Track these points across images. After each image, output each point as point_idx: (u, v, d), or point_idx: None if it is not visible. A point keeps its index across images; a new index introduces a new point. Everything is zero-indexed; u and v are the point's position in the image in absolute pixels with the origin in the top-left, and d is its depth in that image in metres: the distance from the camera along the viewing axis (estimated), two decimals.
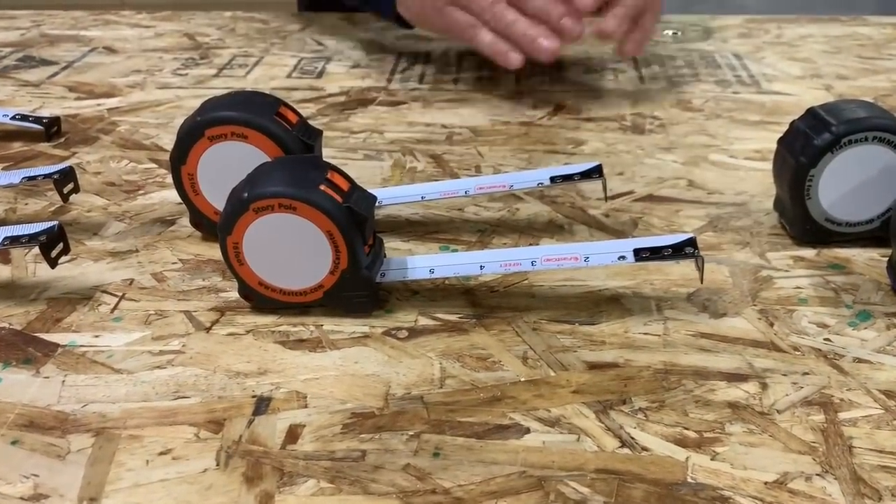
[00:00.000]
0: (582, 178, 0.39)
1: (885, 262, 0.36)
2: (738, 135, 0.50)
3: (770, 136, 0.48)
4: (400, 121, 0.53)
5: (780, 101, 0.55)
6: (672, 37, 0.69)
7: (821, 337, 0.32)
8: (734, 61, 0.63)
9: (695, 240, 0.32)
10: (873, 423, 0.28)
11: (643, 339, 0.32)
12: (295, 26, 0.73)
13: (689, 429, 0.28)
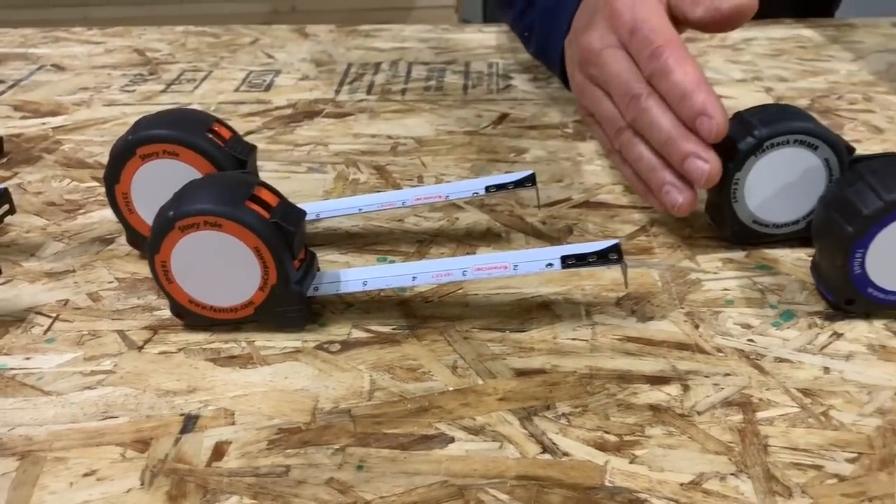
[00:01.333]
0: (515, 187, 0.39)
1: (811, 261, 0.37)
2: None
3: None
4: (346, 132, 0.53)
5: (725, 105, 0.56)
6: None
7: (744, 338, 0.33)
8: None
9: (619, 245, 0.33)
10: (789, 421, 0.29)
11: (571, 345, 0.33)
12: (246, 39, 0.73)
13: (609, 432, 0.28)
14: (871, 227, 0.31)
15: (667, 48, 0.37)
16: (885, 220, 0.31)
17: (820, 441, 0.28)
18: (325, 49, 0.70)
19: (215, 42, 0.73)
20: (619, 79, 0.39)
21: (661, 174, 0.37)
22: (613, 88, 0.40)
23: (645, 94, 0.37)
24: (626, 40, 0.39)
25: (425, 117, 0.56)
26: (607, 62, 0.40)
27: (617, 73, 0.39)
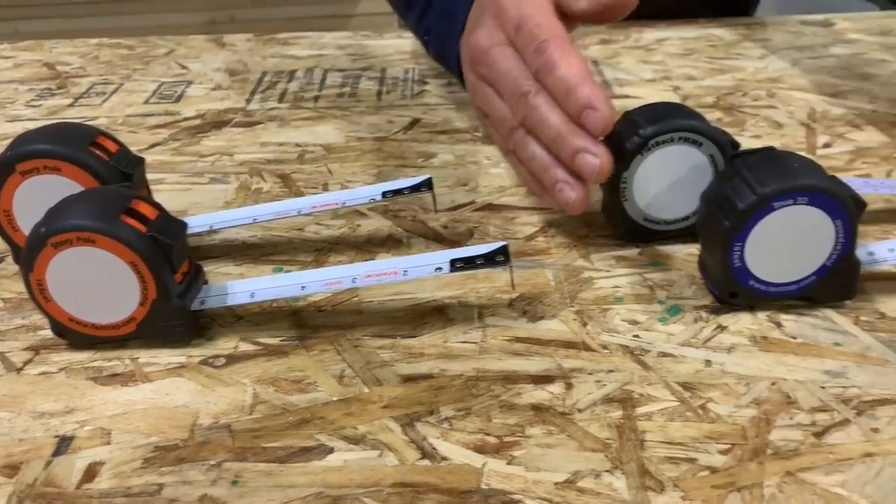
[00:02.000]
0: (412, 192, 0.39)
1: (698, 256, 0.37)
2: None
3: None
4: (253, 142, 0.53)
5: (628, 104, 0.56)
6: None
7: (630, 334, 0.33)
8: (591, 67, 0.64)
9: (506, 248, 0.33)
10: (667, 415, 0.29)
11: (461, 348, 0.33)
12: (161, 51, 0.72)
13: (490, 434, 0.28)
14: (746, 221, 0.32)
15: (552, 42, 0.37)
16: (759, 214, 0.32)
17: (696, 434, 0.28)
18: (240, 58, 0.69)
19: (129, 54, 0.72)
20: (508, 77, 0.39)
21: (554, 172, 0.38)
22: (503, 87, 0.40)
23: (533, 91, 0.38)
24: (512, 37, 0.39)
25: (336, 124, 0.55)
26: (495, 60, 0.40)
27: (505, 70, 0.39)
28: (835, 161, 0.47)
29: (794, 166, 0.32)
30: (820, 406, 0.29)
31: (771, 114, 0.54)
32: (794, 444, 0.27)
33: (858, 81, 0.60)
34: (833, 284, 0.33)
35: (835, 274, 0.33)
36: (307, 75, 0.65)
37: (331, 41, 0.73)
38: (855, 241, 0.33)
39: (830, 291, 0.34)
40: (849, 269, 0.33)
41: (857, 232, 0.33)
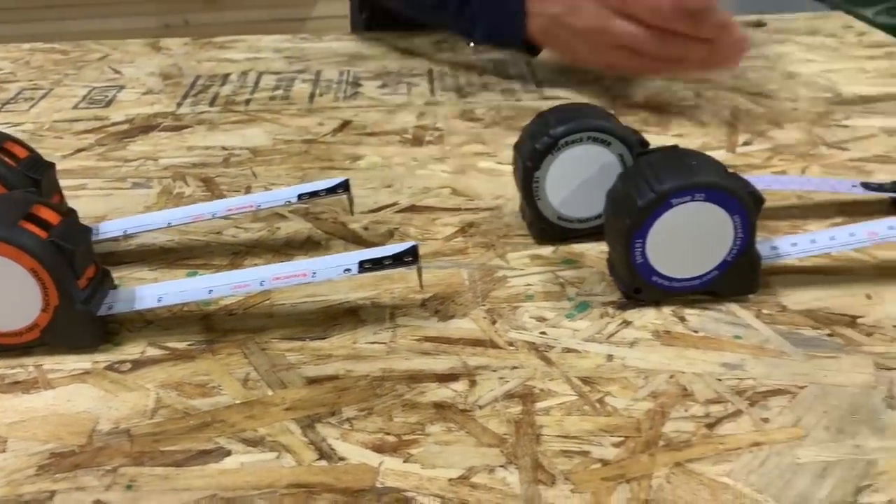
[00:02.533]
0: (328, 194, 0.39)
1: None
2: (510, 142, 0.51)
3: None
4: (180, 146, 0.52)
5: None
6: (472, 47, 0.71)
7: (538, 331, 0.34)
8: (525, 69, 0.65)
9: (415, 248, 0.33)
10: (565, 409, 0.29)
11: (369, 349, 0.33)
12: (95, 55, 0.71)
13: (390, 433, 0.28)
14: (646, 218, 0.32)
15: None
16: (658, 211, 0.32)
17: (591, 427, 0.28)
18: (175, 62, 0.69)
19: (62, 59, 0.71)
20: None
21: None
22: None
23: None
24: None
25: (265, 127, 0.55)
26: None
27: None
28: (753, 159, 0.48)
29: (693, 164, 0.33)
30: (714, 398, 0.30)
31: (696, 113, 0.55)
32: (687, 435, 0.28)
33: (783, 81, 0.61)
34: (735, 279, 0.34)
35: (736, 268, 0.34)
36: (241, 79, 0.64)
37: (268, 44, 0.73)
38: (754, 237, 0.33)
39: (733, 285, 0.35)
40: (750, 263, 0.34)
41: (756, 227, 0.33)
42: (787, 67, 0.64)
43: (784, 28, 0.74)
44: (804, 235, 0.36)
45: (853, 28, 0.73)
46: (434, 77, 0.64)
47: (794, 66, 0.64)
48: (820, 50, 0.68)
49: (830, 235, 0.36)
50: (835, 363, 0.31)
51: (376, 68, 0.66)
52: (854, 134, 0.51)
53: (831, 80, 0.61)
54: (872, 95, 0.58)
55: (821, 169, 0.47)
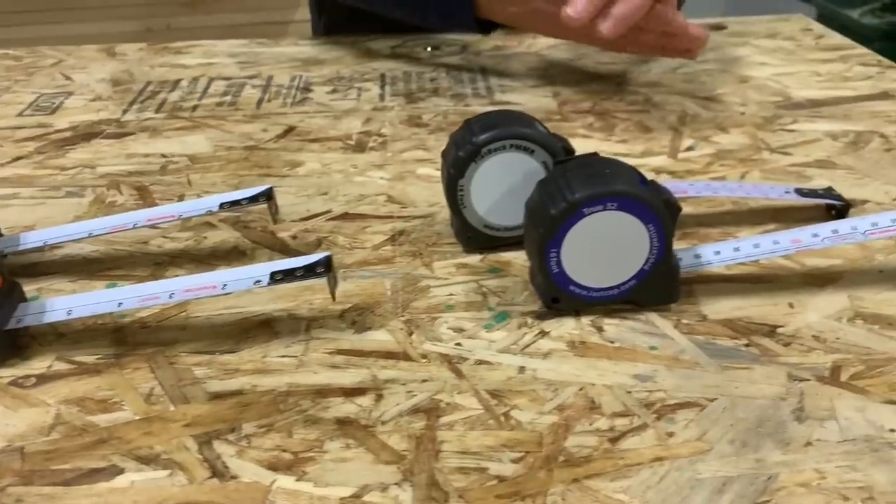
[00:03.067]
0: (250, 203, 0.39)
1: None
2: None
3: None
4: (119, 153, 0.52)
5: None
6: (428, 52, 0.70)
7: (453, 342, 0.33)
8: (478, 75, 0.64)
9: (327, 259, 0.33)
10: (469, 424, 0.29)
11: (279, 363, 0.32)
12: (49, 61, 0.71)
13: (287, 451, 0.28)
14: (558, 227, 0.32)
15: None
16: (571, 220, 0.32)
17: (492, 442, 0.28)
18: (128, 68, 0.68)
19: (14, 65, 0.70)
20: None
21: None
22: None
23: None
24: None
25: (209, 134, 0.54)
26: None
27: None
28: (693, 164, 0.48)
29: (606, 172, 0.32)
30: (622, 411, 0.29)
31: (643, 118, 0.55)
32: (588, 450, 0.27)
33: (735, 85, 0.61)
34: (654, 288, 0.34)
35: (654, 278, 0.33)
36: (191, 84, 0.64)
37: (224, 49, 0.73)
38: (671, 246, 0.33)
39: (652, 295, 0.34)
40: (668, 272, 0.34)
41: (673, 236, 0.33)
42: (741, 71, 0.63)
43: (743, 31, 0.73)
44: (727, 243, 0.35)
45: (812, 31, 0.73)
46: (386, 82, 0.63)
47: (748, 69, 0.64)
48: (776, 53, 0.67)
49: (754, 243, 0.35)
50: (748, 374, 0.31)
51: (329, 73, 0.66)
52: (799, 138, 0.51)
53: (783, 83, 0.60)
54: (821, 99, 0.57)
55: (761, 174, 0.47)
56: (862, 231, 0.35)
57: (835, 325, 0.33)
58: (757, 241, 0.35)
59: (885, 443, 0.27)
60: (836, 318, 0.34)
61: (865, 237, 0.35)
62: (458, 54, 0.70)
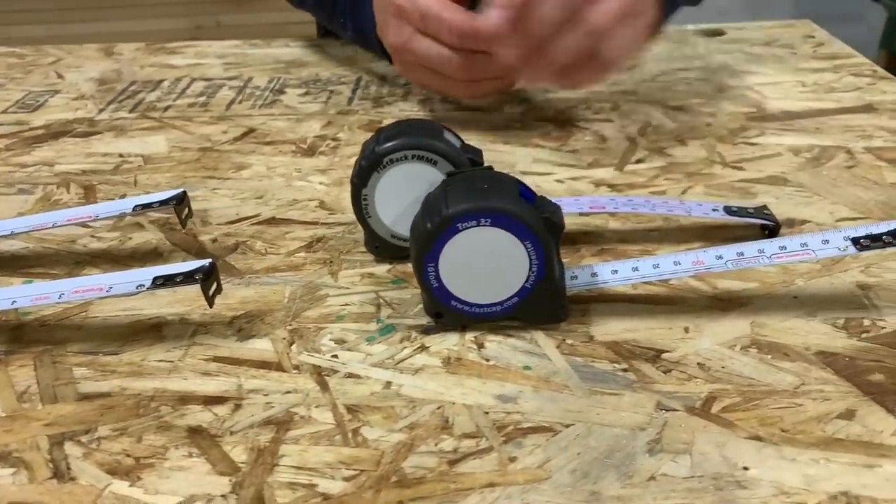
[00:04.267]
0: (161, 206, 0.39)
1: None
2: None
3: None
4: (80, 152, 0.53)
5: (468, 118, 0.56)
6: None
7: (330, 354, 0.33)
8: None
9: (208, 266, 0.33)
10: (315, 439, 0.28)
11: (155, 367, 0.33)
12: (48, 59, 0.73)
13: (131, 455, 0.28)
14: (434, 242, 0.31)
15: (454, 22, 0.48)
16: (445, 235, 0.31)
17: (332, 459, 0.28)
18: (119, 68, 0.70)
19: (16, 63, 0.73)
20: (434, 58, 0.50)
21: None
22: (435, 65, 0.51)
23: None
24: (421, 27, 0.49)
25: (171, 134, 0.55)
26: (416, 49, 0.50)
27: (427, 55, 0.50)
28: (637, 177, 0.46)
29: (485, 188, 0.32)
30: (472, 432, 0.28)
31: (602, 128, 0.53)
32: (424, 471, 0.27)
33: (712, 94, 0.58)
34: (538, 306, 0.33)
35: (538, 296, 0.32)
36: (172, 85, 0.65)
37: (216, 50, 0.74)
38: (552, 264, 0.32)
39: (537, 313, 0.33)
40: (552, 291, 0.33)
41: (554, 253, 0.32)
42: (723, 80, 0.61)
43: (739, 38, 0.71)
44: (627, 262, 0.34)
45: (814, 38, 0.70)
46: (360, 85, 0.63)
47: (730, 78, 0.61)
48: (766, 61, 0.65)
49: (654, 263, 0.34)
50: (615, 401, 0.30)
51: (308, 76, 0.66)
52: (758, 153, 0.49)
53: (763, 93, 0.58)
54: (797, 111, 0.55)
55: (705, 189, 0.45)
56: (769, 255, 0.33)
57: (725, 352, 0.32)
58: (656, 261, 0.34)
59: (732, 481, 0.26)
60: (730, 345, 0.32)
61: (771, 261, 0.33)
62: None
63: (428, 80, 0.52)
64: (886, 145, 0.49)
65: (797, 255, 0.33)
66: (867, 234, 0.33)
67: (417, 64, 0.51)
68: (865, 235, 0.33)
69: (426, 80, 0.52)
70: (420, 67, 0.51)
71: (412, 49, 0.50)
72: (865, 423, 0.28)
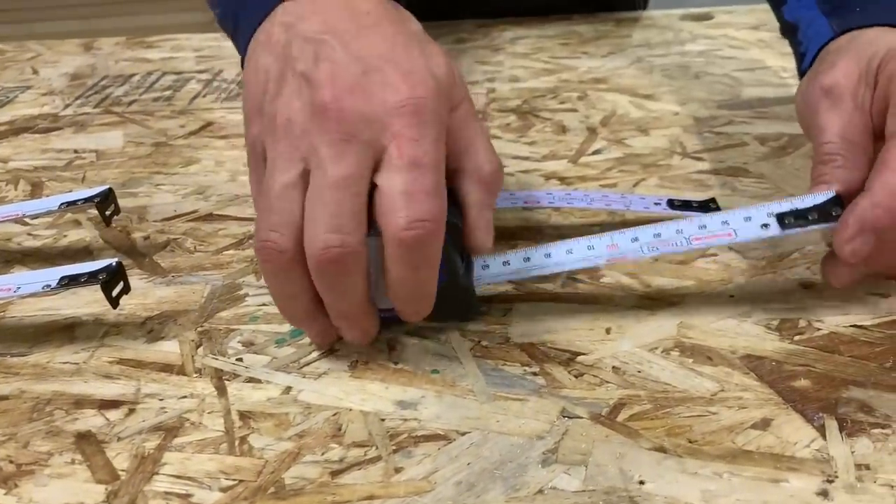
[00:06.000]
0: (86, 202, 0.38)
1: None
2: None
3: None
4: (37, 148, 0.53)
5: None
6: None
7: (236, 357, 0.32)
8: None
9: (112, 266, 0.32)
10: (200, 447, 0.27)
11: (59, 369, 0.32)
12: (28, 55, 0.73)
13: (14, 462, 0.27)
14: None
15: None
16: None
17: (213, 468, 0.26)
18: (94, 63, 0.70)
19: None
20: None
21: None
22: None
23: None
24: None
25: (129, 129, 0.55)
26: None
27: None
28: (590, 170, 0.45)
29: None
30: (363, 441, 0.27)
31: (565, 118, 0.51)
32: (304, 482, 0.26)
33: (686, 81, 0.56)
34: (444, 306, 0.31)
35: (442, 296, 0.31)
36: (143, 79, 0.65)
37: (194, 43, 0.73)
38: (454, 265, 0.30)
39: (444, 313, 0.31)
40: (457, 291, 0.31)
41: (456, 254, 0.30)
42: (701, 66, 0.59)
43: (727, 22, 0.68)
44: (539, 249, 0.32)
45: None
46: None
47: (709, 64, 0.59)
48: (750, 46, 0.62)
49: (567, 248, 0.32)
50: (519, 407, 0.28)
51: None
52: (722, 142, 0.47)
53: (739, 80, 0.56)
54: (772, 98, 0.52)
55: (659, 182, 0.43)
56: (687, 236, 0.31)
57: (645, 356, 0.30)
58: (570, 246, 0.32)
59: (625, 496, 0.24)
60: (651, 348, 0.30)
61: (690, 244, 0.31)
62: None
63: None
64: None
65: (717, 236, 0.31)
66: (792, 209, 0.31)
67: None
68: (790, 211, 0.31)
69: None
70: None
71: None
72: (780, 433, 0.26)
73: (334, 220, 0.27)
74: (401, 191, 0.27)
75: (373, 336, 0.31)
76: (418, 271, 0.28)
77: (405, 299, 0.29)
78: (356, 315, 0.30)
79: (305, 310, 0.30)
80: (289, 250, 0.28)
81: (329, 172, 0.27)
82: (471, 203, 0.31)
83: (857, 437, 0.26)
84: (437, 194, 0.28)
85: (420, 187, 0.27)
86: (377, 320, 0.31)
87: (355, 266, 0.28)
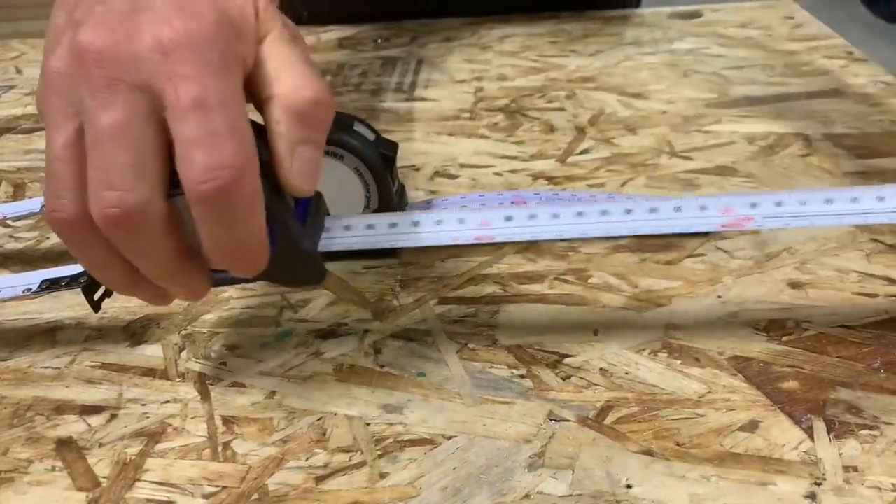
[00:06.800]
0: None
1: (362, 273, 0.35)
2: None
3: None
4: (21, 149, 0.52)
5: (416, 109, 0.55)
6: (378, 43, 0.68)
7: (220, 361, 0.31)
8: (412, 67, 0.62)
9: None
10: (184, 452, 0.27)
11: (40, 374, 0.31)
12: (12, 55, 0.72)
13: None
14: None
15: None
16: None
17: (196, 475, 0.26)
18: None
19: None
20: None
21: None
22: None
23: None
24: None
25: None
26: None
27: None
28: (578, 169, 0.44)
29: None
30: (348, 446, 0.27)
31: (553, 117, 0.51)
32: (288, 489, 0.25)
33: (675, 79, 0.56)
34: (284, 269, 0.27)
35: (279, 259, 0.27)
36: None
37: None
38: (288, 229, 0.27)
39: (284, 277, 0.28)
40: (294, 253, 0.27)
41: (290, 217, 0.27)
42: (690, 64, 0.59)
43: (715, 20, 0.68)
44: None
45: (793, 19, 0.67)
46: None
47: (698, 62, 0.59)
48: (738, 45, 0.62)
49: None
50: (505, 410, 0.28)
51: None
52: (710, 141, 0.47)
53: (728, 78, 0.55)
54: (760, 96, 0.52)
55: (646, 182, 0.43)
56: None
57: (633, 357, 0.30)
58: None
59: (613, 501, 0.24)
60: (639, 349, 0.30)
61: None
62: (405, 46, 0.67)
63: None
64: (847, 132, 0.46)
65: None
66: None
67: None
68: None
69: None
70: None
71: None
72: (768, 435, 0.26)
73: (108, 175, 0.24)
74: (188, 138, 0.23)
75: (203, 293, 0.28)
76: (231, 228, 0.24)
77: (226, 260, 0.26)
78: (171, 276, 0.26)
79: (123, 276, 0.26)
80: (80, 216, 0.24)
81: (97, 123, 0.24)
82: (277, 134, 0.26)
83: (845, 438, 0.26)
84: (234, 135, 0.24)
85: (208, 130, 0.23)
86: (204, 276, 0.27)
87: (146, 226, 0.24)
